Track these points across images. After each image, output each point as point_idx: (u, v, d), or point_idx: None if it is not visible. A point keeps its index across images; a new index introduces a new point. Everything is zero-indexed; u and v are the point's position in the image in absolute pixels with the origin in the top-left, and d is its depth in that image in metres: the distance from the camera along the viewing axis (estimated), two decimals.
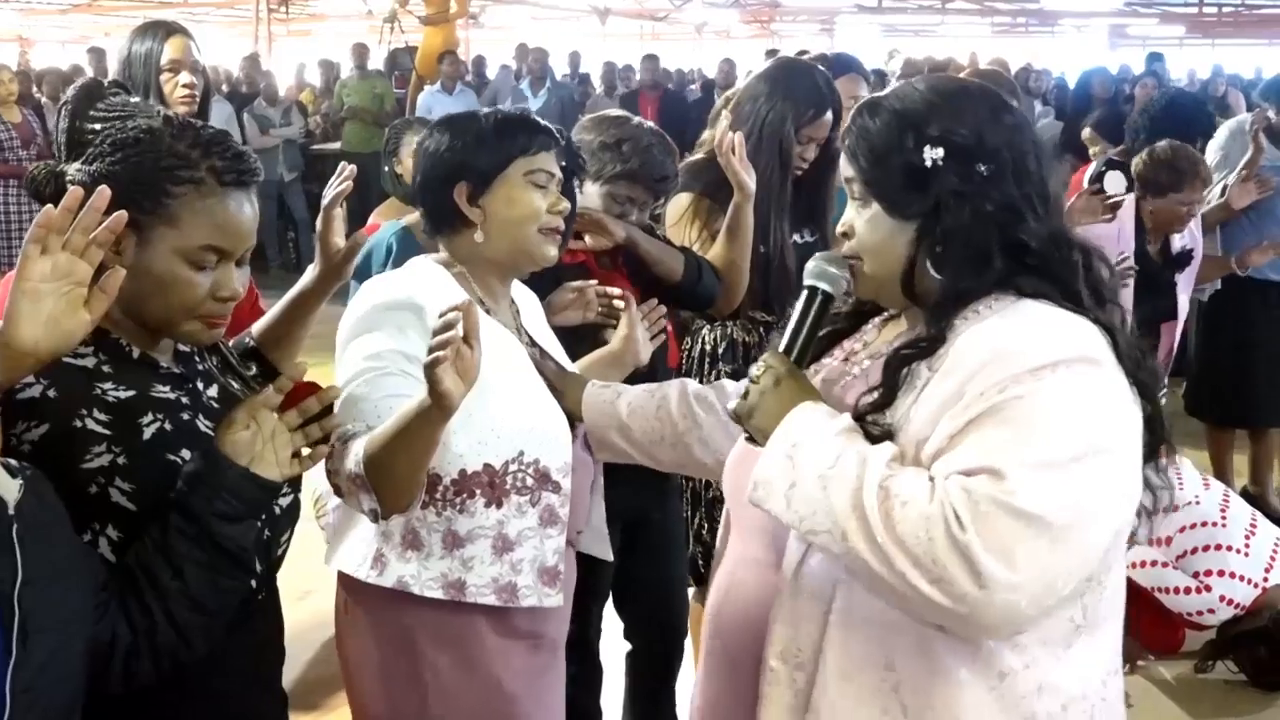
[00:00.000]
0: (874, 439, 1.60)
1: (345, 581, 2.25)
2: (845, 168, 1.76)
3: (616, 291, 2.81)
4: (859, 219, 1.74)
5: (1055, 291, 1.63)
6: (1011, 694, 1.60)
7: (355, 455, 1.93)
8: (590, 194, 2.99)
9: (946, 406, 1.55)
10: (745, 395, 1.70)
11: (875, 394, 1.66)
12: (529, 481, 2.17)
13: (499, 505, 2.15)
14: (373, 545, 2.16)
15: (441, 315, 1.81)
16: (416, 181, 2.31)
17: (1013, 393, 1.50)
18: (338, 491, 2.03)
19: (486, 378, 2.05)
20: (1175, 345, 4.82)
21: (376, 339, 2.09)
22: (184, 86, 3.40)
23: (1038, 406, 1.50)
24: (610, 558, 2.56)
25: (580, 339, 2.68)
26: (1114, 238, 4.52)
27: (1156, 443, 1.66)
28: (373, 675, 2.23)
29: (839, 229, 1.79)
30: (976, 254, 1.63)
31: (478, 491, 2.14)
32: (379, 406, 2.01)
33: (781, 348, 1.75)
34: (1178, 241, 4.68)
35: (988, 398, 1.51)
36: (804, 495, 1.56)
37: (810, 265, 1.79)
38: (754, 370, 1.71)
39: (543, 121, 2.29)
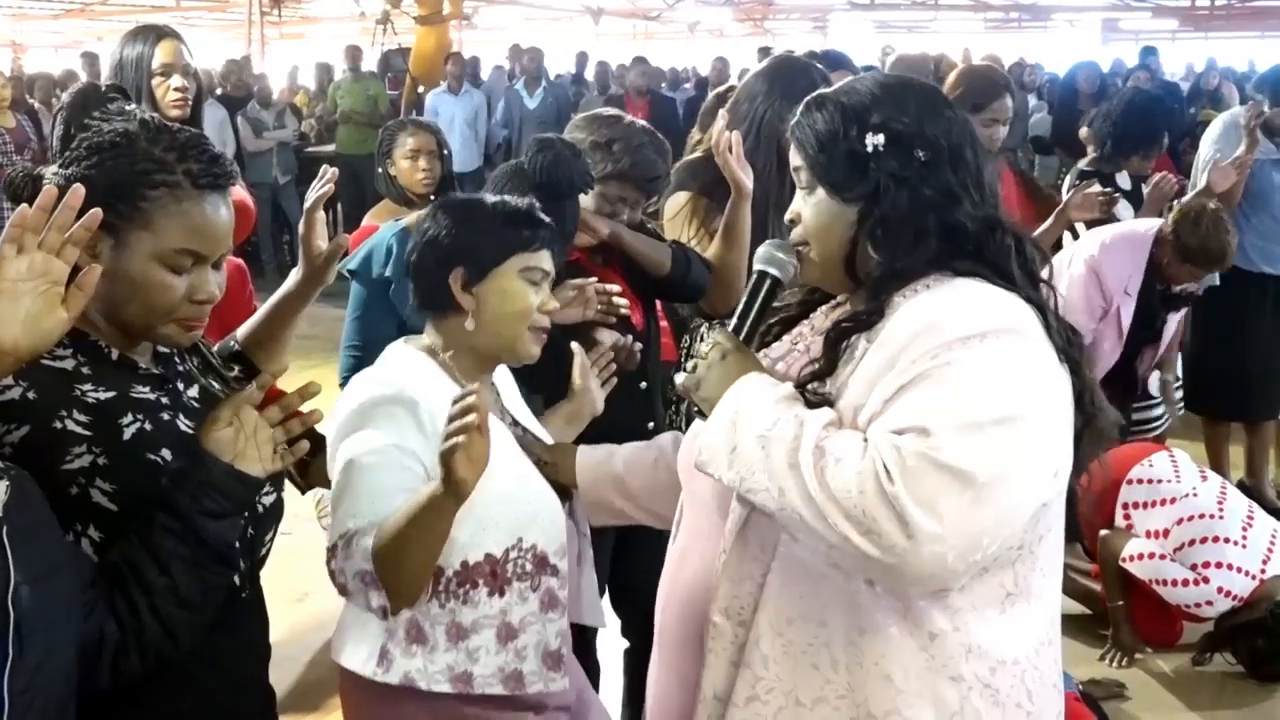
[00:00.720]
0: (813, 406, 1.67)
1: (349, 678, 2.20)
2: (793, 157, 1.84)
3: (616, 288, 2.83)
4: (805, 205, 1.82)
5: (989, 272, 1.70)
6: (941, 654, 1.66)
7: (364, 550, 1.95)
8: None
9: (881, 374, 1.63)
10: (694, 370, 1.77)
11: (816, 365, 1.74)
12: (528, 567, 2.16)
13: (501, 594, 2.14)
14: (377, 642, 2.12)
15: (455, 401, 1.85)
16: (411, 260, 2.27)
17: (943, 359, 1.58)
18: (343, 591, 2.02)
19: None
20: (1158, 359, 4.82)
21: (372, 435, 2.06)
22: (176, 90, 3.42)
23: (966, 372, 1.57)
24: (604, 624, 2.57)
25: (575, 337, 2.67)
26: (1127, 265, 4.51)
27: (1088, 419, 1.72)
28: None
29: (787, 217, 1.86)
30: (913, 235, 1.71)
31: (480, 581, 2.13)
32: (378, 503, 1.99)
33: (731, 328, 1.82)
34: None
35: (919, 364, 1.59)
36: (744, 457, 1.63)
37: (760, 251, 1.86)
38: (702, 347, 1.79)
39: (545, 219, 2.27)
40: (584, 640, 3.15)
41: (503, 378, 2.44)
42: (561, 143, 2.88)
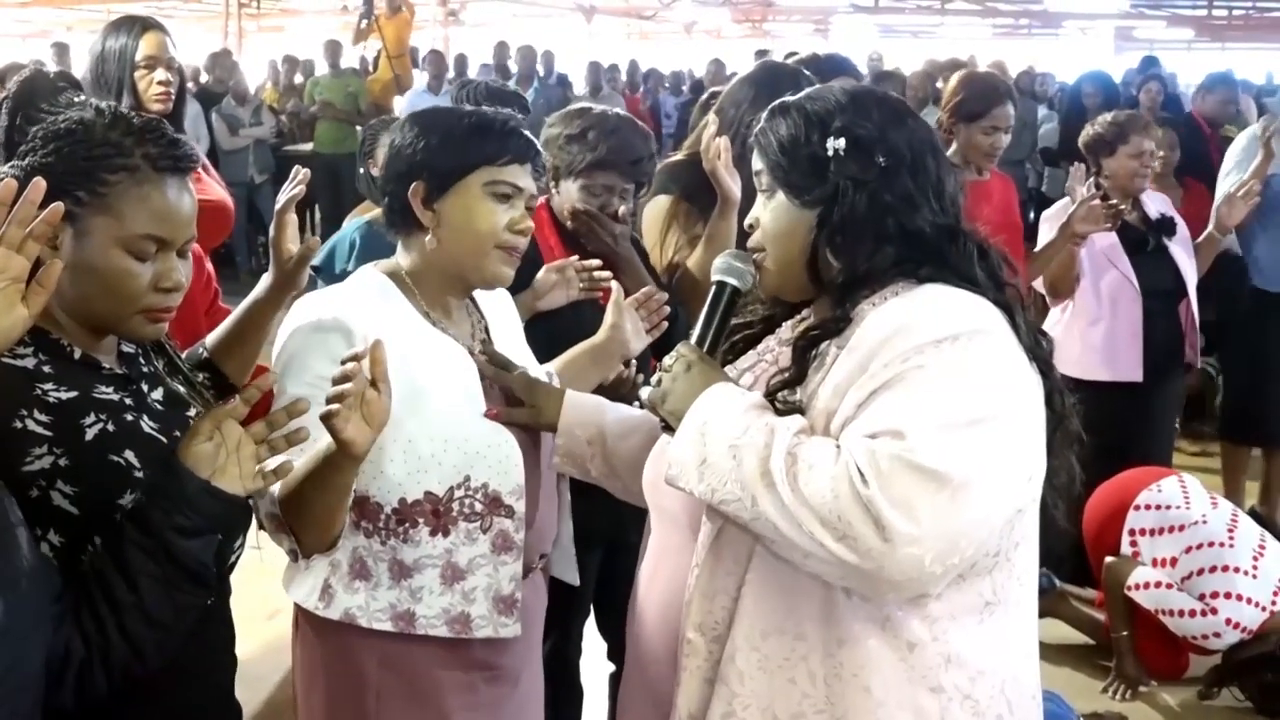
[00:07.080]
0: (783, 415, 1.67)
1: (298, 610, 2.19)
2: (755, 161, 1.86)
3: (595, 263, 2.80)
4: (765, 211, 1.83)
5: (953, 276, 1.71)
6: (921, 664, 1.66)
7: (271, 496, 1.90)
8: (568, 191, 2.92)
9: (853, 379, 1.63)
10: (658, 384, 1.76)
11: (785, 374, 1.75)
12: (478, 507, 2.09)
13: (445, 533, 2.08)
14: (320, 576, 2.10)
15: (342, 362, 1.79)
16: (381, 174, 2.20)
17: (914, 363, 1.59)
18: (261, 526, 1.96)
19: (430, 400, 2.06)
20: (1196, 322, 4.69)
21: (302, 366, 2.01)
22: (159, 84, 3.38)
23: (938, 374, 1.58)
24: (577, 582, 2.48)
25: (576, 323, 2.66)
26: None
27: (1058, 419, 1.73)
28: (319, 702, 2.18)
29: (746, 222, 1.88)
30: (873, 239, 1.73)
31: (420, 520, 2.07)
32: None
33: (694, 340, 1.82)
34: (1152, 208, 4.60)
35: (891, 368, 1.60)
36: (715, 467, 1.63)
37: (717, 262, 1.87)
38: (666, 360, 1.78)
39: (524, 131, 2.15)
40: (566, 663, 3.13)
41: (495, 306, 2.35)
42: (626, 122, 2.91)
